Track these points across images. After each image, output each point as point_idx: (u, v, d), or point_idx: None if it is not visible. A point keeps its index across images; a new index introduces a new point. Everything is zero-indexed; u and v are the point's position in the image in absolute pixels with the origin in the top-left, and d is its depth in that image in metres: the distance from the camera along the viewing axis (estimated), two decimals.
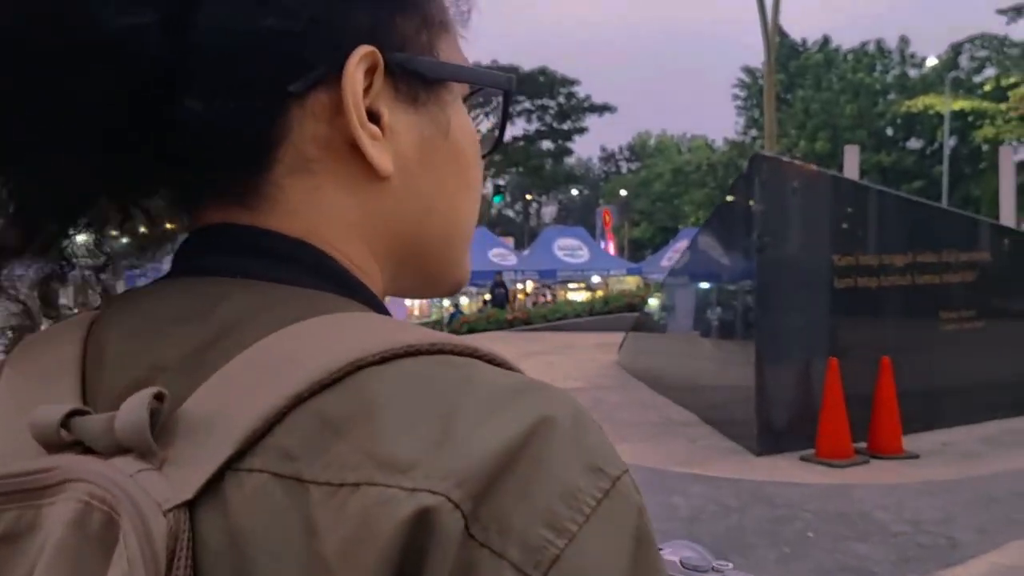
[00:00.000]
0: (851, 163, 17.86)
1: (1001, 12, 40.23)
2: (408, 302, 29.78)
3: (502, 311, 21.46)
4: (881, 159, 43.14)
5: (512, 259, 27.53)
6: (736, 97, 55.36)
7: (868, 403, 6.09)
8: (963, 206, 32.18)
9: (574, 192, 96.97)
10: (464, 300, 28.92)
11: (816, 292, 6.38)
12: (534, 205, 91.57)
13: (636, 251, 52.27)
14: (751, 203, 6.19)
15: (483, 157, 0.56)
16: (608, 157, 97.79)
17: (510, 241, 37.67)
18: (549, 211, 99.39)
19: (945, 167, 35.51)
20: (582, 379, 10.70)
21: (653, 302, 11.36)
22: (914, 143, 46.30)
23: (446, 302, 27.99)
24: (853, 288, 6.48)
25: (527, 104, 45.88)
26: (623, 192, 67.76)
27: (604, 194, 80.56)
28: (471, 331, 20.48)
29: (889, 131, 46.08)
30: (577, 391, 9.76)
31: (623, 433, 7.20)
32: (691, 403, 8.02)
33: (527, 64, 44.78)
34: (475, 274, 26.79)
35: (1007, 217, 19.27)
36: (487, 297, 26.22)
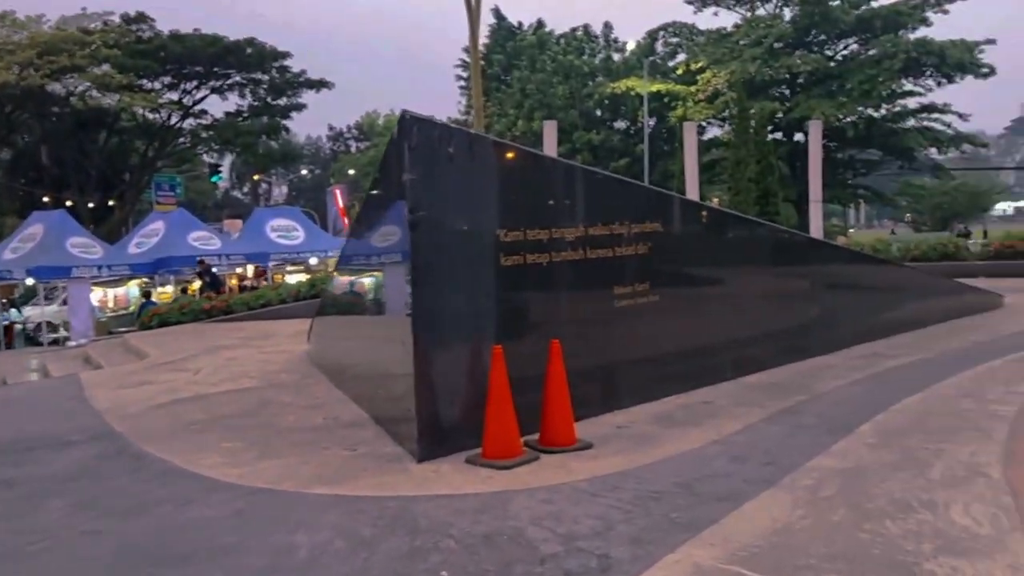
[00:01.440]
0: (550, 138, 17.95)
1: (688, 2, 43.78)
2: (102, 292, 26.23)
3: (199, 300, 19.29)
4: (591, 138, 45.41)
5: (216, 243, 25.12)
6: (459, 78, 55.91)
7: (541, 389, 5.50)
8: (663, 182, 34.49)
9: (304, 172, 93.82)
10: (168, 288, 25.96)
11: (481, 271, 5.65)
12: (263, 186, 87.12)
13: None
14: (403, 172, 5.31)
15: None
16: (337, 136, 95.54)
17: (237, 224, 34.60)
18: (280, 192, 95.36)
19: (646, 145, 38.06)
20: (259, 376, 9.43)
21: (332, 283, 10.31)
22: (620, 123, 49.33)
23: (138, 291, 24.95)
24: (522, 265, 5.84)
25: (237, 78, 42.58)
26: (351, 171, 66.29)
27: (333, 173, 78.43)
28: (163, 324, 18.11)
29: (598, 112, 48.65)
30: (248, 391, 8.51)
31: (276, 445, 6.11)
32: (365, 400, 7.10)
33: (234, 36, 41.30)
34: (173, 259, 24.10)
35: (692, 190, 20.55)
36: (195, 287, 23.58)
